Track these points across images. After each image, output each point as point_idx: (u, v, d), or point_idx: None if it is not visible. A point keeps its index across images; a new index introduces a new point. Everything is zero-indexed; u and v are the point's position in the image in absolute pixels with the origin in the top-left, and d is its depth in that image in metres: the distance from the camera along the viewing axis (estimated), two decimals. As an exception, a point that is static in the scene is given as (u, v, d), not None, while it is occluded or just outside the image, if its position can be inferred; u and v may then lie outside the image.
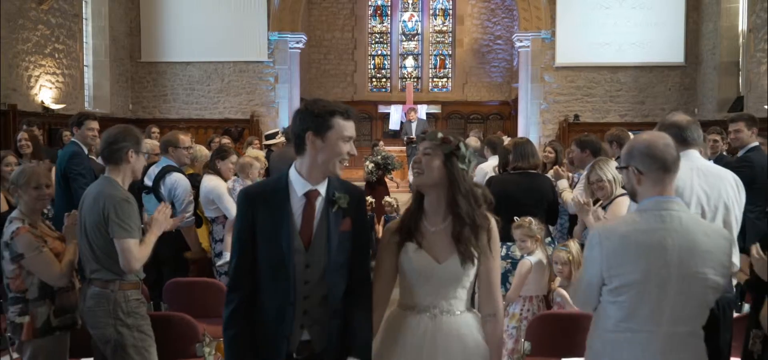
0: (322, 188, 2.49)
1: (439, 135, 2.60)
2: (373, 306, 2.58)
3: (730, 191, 3.25)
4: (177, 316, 3.70)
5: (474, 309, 2.66)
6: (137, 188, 4.71)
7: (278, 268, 2.43)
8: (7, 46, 11.03)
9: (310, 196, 2.47)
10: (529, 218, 4.57)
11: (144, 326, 3.34)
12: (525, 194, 4.99)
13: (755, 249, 2.74)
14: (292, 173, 2.51)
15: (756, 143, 5.64)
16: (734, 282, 3.64)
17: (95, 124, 5.70)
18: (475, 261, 2.53)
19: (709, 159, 5.46)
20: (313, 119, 2.43)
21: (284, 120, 14.60)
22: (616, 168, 3.96)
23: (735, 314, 3.66)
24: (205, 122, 15.03)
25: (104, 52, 14.39)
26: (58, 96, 12.51)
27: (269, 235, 2.43)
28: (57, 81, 12.59)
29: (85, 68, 13.87)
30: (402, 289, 2.63)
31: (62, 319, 3.38)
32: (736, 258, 3.21)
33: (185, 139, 5.33)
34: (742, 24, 13.06)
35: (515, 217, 4.62)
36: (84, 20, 13.79)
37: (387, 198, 8.83)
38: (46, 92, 12.20)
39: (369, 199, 8.35)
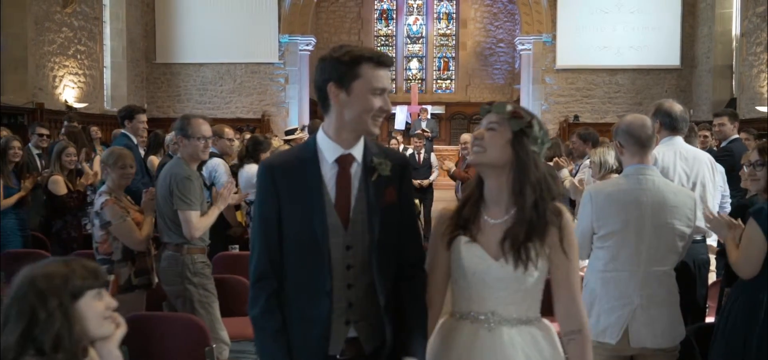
0: (358, 152, 2.04)
1: (509, 107, 2.08)
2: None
3: (706, 172, 3.84)
4: (231, 278, 4.26)
5: (546, 321, 2.12)
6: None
7: (310, 252, 1.99)
8: (35, 47, 11.61)
9: (342, 162, 2.03)
10: None
11: (208, 285, 3.90)
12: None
13: (706, 210, 3.31)
14: (320, 136, 2.05)
15: (737, 136, 6.23)
16: (712, 257, 4.22)
17: (145, 117, 6.19)
18: (539, 265, 2.03)
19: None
20: (336, 67, 1.97)
21: (294, 120, 15.06)
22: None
23: (717, 279, 4.24)
24: (217, 121, 15.23)
25: (121, 54, 14.86)
26: (80, 95, 13.05)
27: (298, 212, 2.00)
28: (79, 81, 13.14)
29: (104, 69, 14.38)
30: (454, 294, 2.14)
31: (141, 279, 3.94)
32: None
33: (229, 131, 5.93)
34: (736, 28, 13.46)
35: None
36: (103, 23, 14.29)
37: None
38: (69, 92, 12.74)
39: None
